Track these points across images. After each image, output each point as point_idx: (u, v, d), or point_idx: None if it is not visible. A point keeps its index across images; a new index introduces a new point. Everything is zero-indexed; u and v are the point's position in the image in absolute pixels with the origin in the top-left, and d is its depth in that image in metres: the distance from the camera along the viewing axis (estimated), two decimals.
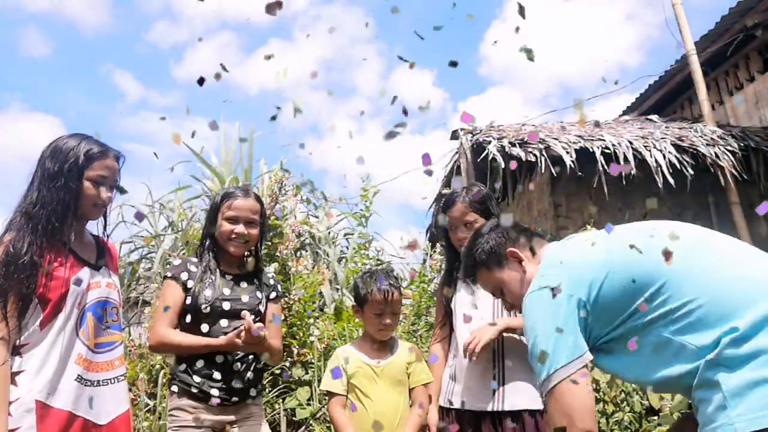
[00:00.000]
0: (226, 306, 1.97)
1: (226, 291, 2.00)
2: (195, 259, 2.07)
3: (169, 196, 6.85)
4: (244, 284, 2.06)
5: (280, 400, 3.59)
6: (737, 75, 5.45)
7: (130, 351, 4.05)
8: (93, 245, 1.79)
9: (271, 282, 2.16)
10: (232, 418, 1.95)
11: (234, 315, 1.96)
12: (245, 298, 2.02)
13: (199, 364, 1.92)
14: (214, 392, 1.91)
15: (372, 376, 2.06)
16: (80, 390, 1.59)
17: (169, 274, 2.01)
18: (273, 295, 2.13)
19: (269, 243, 3.97)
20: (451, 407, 2.01)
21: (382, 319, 2.07)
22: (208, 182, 6.33)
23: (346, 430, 1.99)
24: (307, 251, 5.74)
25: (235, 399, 1.95)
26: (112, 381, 1.71)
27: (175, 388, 1.93)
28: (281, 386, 3.63)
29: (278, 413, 3.46)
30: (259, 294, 2.07)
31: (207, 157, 6.79)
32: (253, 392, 2.01)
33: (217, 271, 2.03)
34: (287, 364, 3.74)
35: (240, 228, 2.01)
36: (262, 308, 2.05)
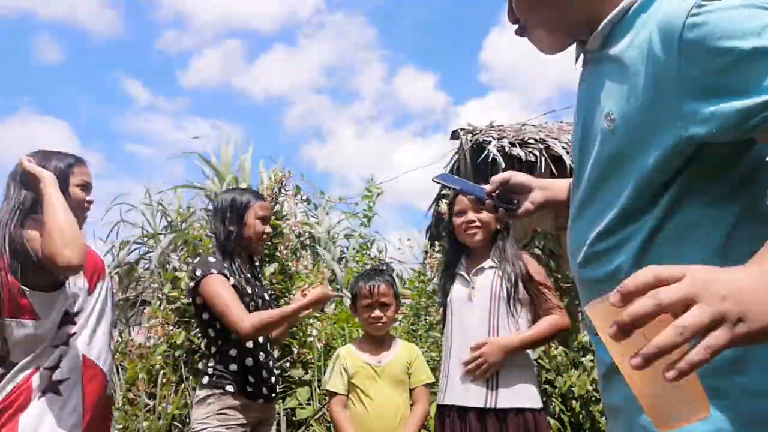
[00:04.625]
0: (260, 303, 2.04)
1: (251, 290, 2.05)
2: (213, 259, 2.03)
3: (168, 196, 6.86)
4: (257, 283, 2.13)
5: (280, 400, 3.59)
6: None
7: (129, 351, 4.04)
8: None
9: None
10: (269, 414, 2.06)
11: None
12: (266, 296, 2.11)
13: (249, 362, 1.97)
14: (264, 390, 1.98)
15: (373, 375, 2.06)
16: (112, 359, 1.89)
17: (215, 271, 1.94)
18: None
19: (269, 243, 3.97)
20: (444, 404, 2.00)
21: (371, 311, 2.09)
22: (208, 183, 6.32)
23: (346, 431, 1.99)
24: (306, 251, 5.74)
25: (273, 395, 2.04)
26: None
27: (230, 388, 1.93)
28: (281, 386, 3.63)
29: (278, 413, 3.46)
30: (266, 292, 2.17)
31: (207, 158, 6.80)
32: (277, 389, 2.08)
33: (244, 271, 2.06)
34: (287, 364, 3.75)
35: (269, 228, 2.11)
36: None
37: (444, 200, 4.98)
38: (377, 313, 2.09)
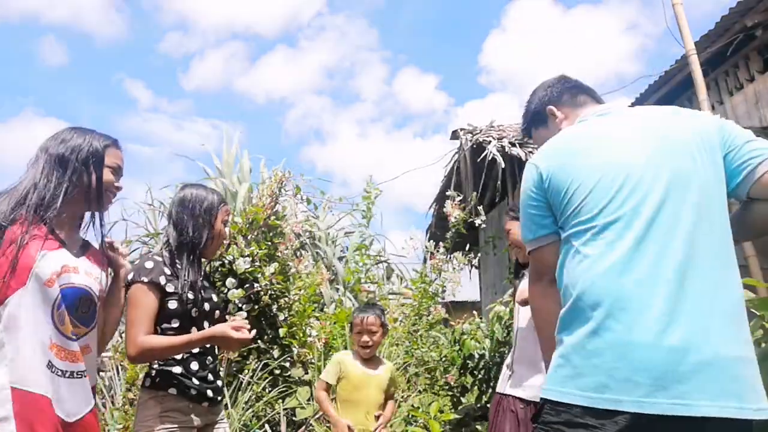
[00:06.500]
0: (207, 307, 2.00)
1: (194, 295, 1.99)
2: (160, 258, 1.96)
3: (170, 194, 6.86)
4: (206, 283, 2.09)
5: (280, 400, 3.59)
6: (737, 75, 5.44)
7: None
8: (80, 241, 1.74)
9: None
10: (215, 417, 2.01)
11: (210, 316, 2.00)
12: (215, 298, 2.08)
13: (194, 366, 1.94)
14: (209, 393, 1.95)
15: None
16: (53, 379, 1.50)
17: (145, 279, 1.87)
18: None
19: (269, 243, 3.97)
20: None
21: (360, 337, 2.68)
22: (210, 183, 6.33)
23: (328, 408, 2.61)
24: (307, 251, 5.74)
25: (219, 398, 2.01)
26: (77, 375, 1.58)
27: (173, 391, 1.90)
28: (281, 386, 3.64)
29: (278, 413, 3.47)
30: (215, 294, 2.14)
31: (209, 158, 6.82)
32: (225, 391, 2.06)
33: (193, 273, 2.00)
34: (287, 364, 3.75)
35: (226, 231, 2.11)
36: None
37: (448, 201, 4.98)
38: (365, 338, 2.68)
